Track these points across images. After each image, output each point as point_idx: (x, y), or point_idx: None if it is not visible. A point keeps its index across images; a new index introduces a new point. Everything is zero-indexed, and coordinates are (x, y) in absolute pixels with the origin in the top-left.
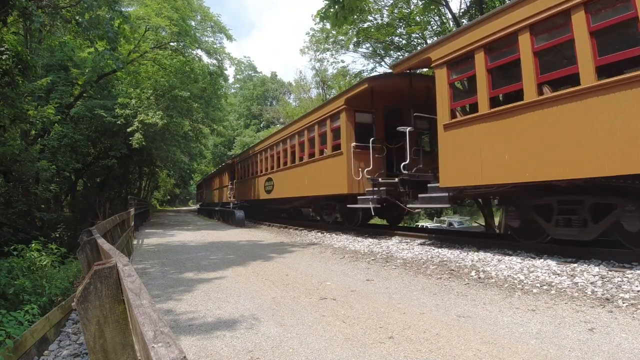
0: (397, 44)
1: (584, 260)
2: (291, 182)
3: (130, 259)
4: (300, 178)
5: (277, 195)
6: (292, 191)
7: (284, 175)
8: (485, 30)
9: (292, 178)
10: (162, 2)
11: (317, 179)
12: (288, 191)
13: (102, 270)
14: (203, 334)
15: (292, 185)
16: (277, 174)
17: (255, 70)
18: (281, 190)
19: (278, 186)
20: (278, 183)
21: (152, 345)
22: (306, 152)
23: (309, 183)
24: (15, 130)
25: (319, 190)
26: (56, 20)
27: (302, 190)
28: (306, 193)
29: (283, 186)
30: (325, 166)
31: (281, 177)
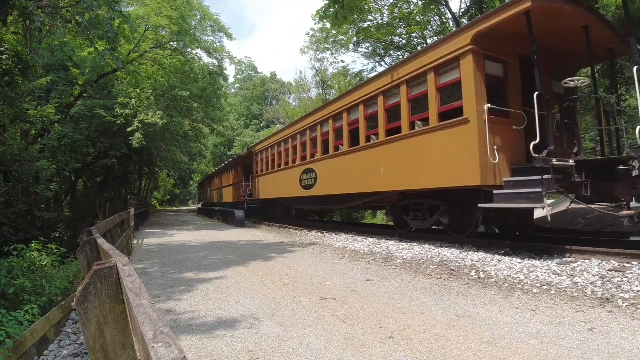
0: (397, 44)
1: (584, 260)
2: (350, 173)
3: (130, 259)
4: (369, 167)
5: (322, 192)
6: (352, 185)
7: (336, 165)
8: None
9: (353, 167)
10: (161, 1)
11: (406, 165)
12: (344, 185)
13: (102, 270)
14: (203, 334)
15: (351, 178)
16: (322, 164)
17: (256, 71)
18: (330, 184)
19: (324, 180)
20: (324, 175)
21: (152, 345)
22: (382, 129)
23: (390, 172)
24: (15, 130)
25: (411, 182)
26: (56, 20)
27: (375, 183)
28: (383, 187)
29: (334, 179)
30: (427, 145)
31: (330, 167)
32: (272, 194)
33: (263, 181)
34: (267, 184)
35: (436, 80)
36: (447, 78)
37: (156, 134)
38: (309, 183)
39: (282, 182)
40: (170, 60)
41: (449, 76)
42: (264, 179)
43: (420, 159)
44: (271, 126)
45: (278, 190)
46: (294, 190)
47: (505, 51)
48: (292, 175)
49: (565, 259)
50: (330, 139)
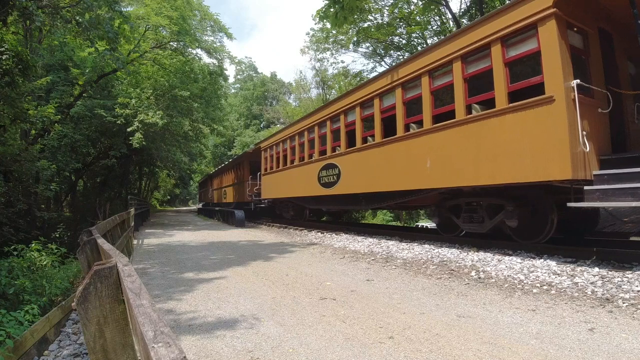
0: (397, 44)
1: (584, 260)
2: (382, 168)
3: (130, 259)
4: (409, 160)
5: (347, 190)
6: (385, 182)
7: (364, 159)
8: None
9: (387, 161)
10: (161, 1)
11: (463, 157)
12: (374, 183)
13: (102, 270)
14: (203, 334)
15: (384, 174)
16: (346, 159)
17: (256, 71)
18: (356, 181)
19: (349, 176)
20: (349, 171)
21: (152, 345)
22: (427, 114)
23: (439, 166)
24: (15, 129)
25: (470, 177)
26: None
27: (417, 179)
28: (429, 184)
29: (361, 175)
30: (492, 132)
31: (357, 161)
32: (283, 193)
33: (272, 179)
34: (277, 182)
35: (504, 53)
36: (520, 49)
37: (156, 134)
38: (329, 180)
39: (296, 180)
40: (170, 60)
41: (522, 47)
42: (273, 177)
43: (482, 148)
44: (271, 126)
45: (290, 188)
46: (310, 188)
47: (586, 20)
48: (308, 172)
49: (565, 259)
50: (358, 129)
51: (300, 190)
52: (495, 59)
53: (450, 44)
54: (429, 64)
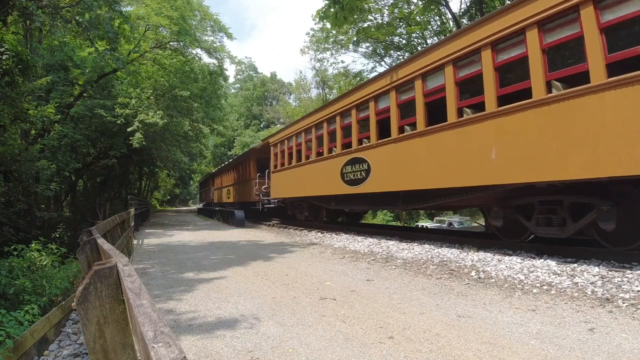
0: (397, 44)
1: (584, 260)
2: (426, 161)
3: (130, 259)
4: (467, 150)
5: (379, 188)
6: (431, 178)
7: (402, 151)
8: None
9: (433, 153)
10: (161, 1)
11: (547, 145)
12: (416, 179)
13: (102, 270)
14: (203, 333)
15: (430, 167)
16: (378, 152)
17: (256, 71)
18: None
19: (382, 172)
20: (382, 166)
21: (152, 345)
22: (490, 95)
23: (509, 157)
24: (15, 129)
25: (557, 169)
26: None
27: (478, 173)
28: (496, 179)
29: (398, 171)
30: (587, 113)
31: (392, 154)
32: (296, 192)
33: (283, 177)
34: (289, 180)
35: (597, 18)
36: (620, 12)
37: (156, 134)
38: (356, 177)
39: (312, 178)
40: (170, 60)
41: (624, 9)
42: (284, 175)
43: (572, 134)
44: (271, 126)
45: (305, 187)
46: (331, 186)
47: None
48: (328, 168)
49: (565, 259)
50: (393, 117)
51: (317, 189)
52: (587, 25)
53: (523, 8)
54: (491, 35)
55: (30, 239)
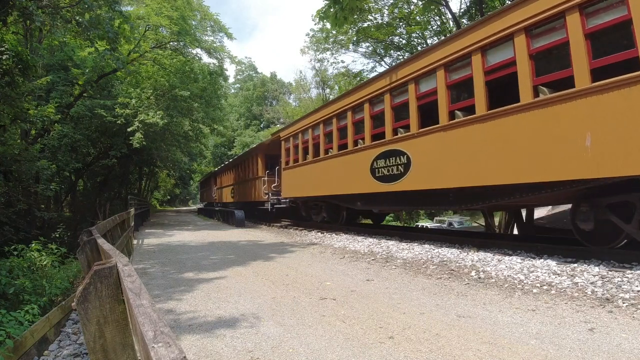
0: (397, 44)
1: (584, 260)
2: (487, 152)
3: (130, 259)
4: (547, 137)
5: (422, 185)
6: (495, 172)
7: (455, 141)
8: None
9: (496, 142)
10: (161, 1)
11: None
12: (475, 173)
13: (102, 270)
14: (203, 333)
15: (491, 159)
16: (420, 142)
17: (256, 71)
18: (439, 172)
19: (425, 165)
20: (426, 158)
21: (152, 345)
22: (581, 68)
23: (611, 143)
24: (15, 129)
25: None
26: (56, 20)
27: (561, 165)
28: (593, 172)
29: (449, 163)
30: None
31: (440, 144)
32: (312, 191)
33: (296, 174)
34: (303, 177)
35: None
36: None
37: (156, 134)
38: (391, 172)
39: (333, 174)
40: (170, 60)
41: None
42: (298, 172)
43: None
44: (271, 126)
45: (324, 185)
46: (357, 184)
47: None
48: (354, 163)
49: (565, 258)
50: (441, 100)
51: (340, 187)
52: None
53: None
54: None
55: (30, 239)
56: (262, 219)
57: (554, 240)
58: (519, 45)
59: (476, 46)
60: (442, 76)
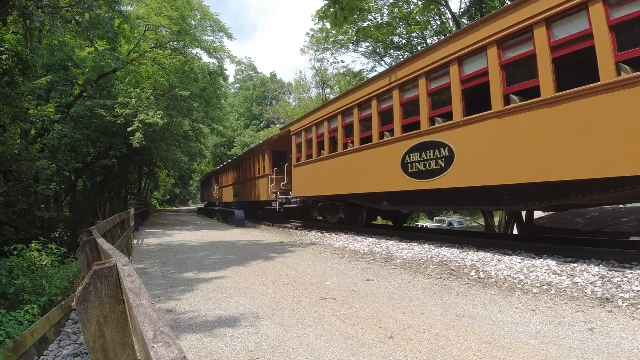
0: (397, 44)
1: (584, 260)
2: (557, 141)
3: (130, 259)
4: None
5: (471, 182)
6: (570, 166)
7: (511, 129)
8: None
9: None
10: (162, 1)
11: None
12: (542, 167)
13: (102, 270)
14: (203, 333)
15: (566, 150)
16: (466, 132)
17: (256, 71)
18: (492, 166)
19: (474, 158)
20: (474, 150)
21: (152, 345)
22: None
23: None
24: (15, 129)
25: None
26: (56, 20)
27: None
28: None
29: (504, 156)
30: None
31: (494, 133)
32: (328, 190)
33: (309, 172)
34: (318, 175)
35: None
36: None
37: (156, 134)
38: (429, 167)
39: (355, 171)
40: (171, 60)
41: None
42: (311, 169)
43: None
44: (271, 126)
45: (344, 183)
46: (385, 181)
47: None
48: (380, 158)
49: (565, 258)
50: (494, 83)
51: (363, 185)
52: None
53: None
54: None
55: (30, 238)
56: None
57: (554, 240)
58: (596, 14)
59: (540, 18)
60: (494, 54)
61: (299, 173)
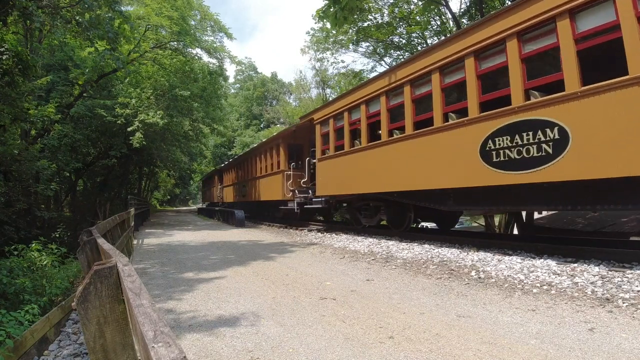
0: (397, 44)
1: (584, 260)
2: None
3: (130, 258)
4: None
5: (593, 172)
6: None
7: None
8: None
9: None
10: (162, 1)
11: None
12: None
13: (102, 270)
14: (203, 333)
15: None
16: (585, 107)
17: (256, 71)
18: (631, 152)
19: (596, 141)
20: (596, 131)
21: (152, 345)
22: None
23: None
24: (15, 129)
25: None
26: (56, 20)
27: None
28: None
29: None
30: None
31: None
32: (366, 186)
33: (340, 166)
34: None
35: None
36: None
37: (156, 134)
38: (525, 154)
39: (406, 163)
40: (171, 60)
41: None
42: (342, 163)
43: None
44: (271, 126)
45: (389, 178)
46: (454, 174)
47: None
48: (447, 144)
49: (565, 258)
50: (631, 39)
51: (417, 180)
52: None
53: None
54: None
55: (30, 238)
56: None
57: (554, 240)
58: None
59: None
60: (628, 3)
61: (324, 168)
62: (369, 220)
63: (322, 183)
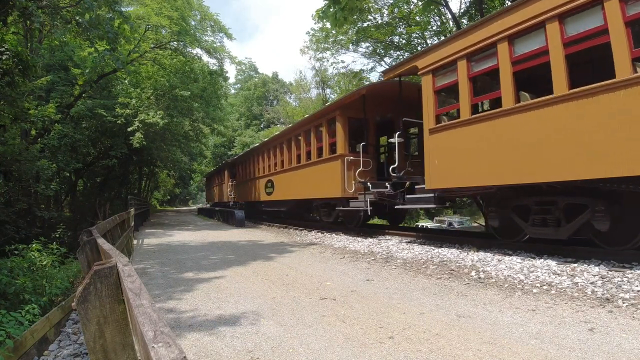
0: (397, 44)
1: (584, 260)
2: None
3: (130, 259)
4: None
5: None
6: None
7: None
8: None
9: None
10: (162, 1)
11: None
12: None
13: (102, 270)
14: (203, 333)
15: None
16: None
17: (256, 71)
18: None
19: None
20: None
21: (152, 345)
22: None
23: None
24: (15, 129)
25: None
26: (56, 20)
27: None
28: None
29: None
30: None
31: None
32: (540, 173)
33: (482, 137)
34: (503, 143)
35: None
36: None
37: (156, 134)
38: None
39: (623, 130)
40: (171, 60)
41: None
42: (486, 131)
43: None
44: (271, 126)
45: (614, 154)
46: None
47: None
48: None
49: (565, 258)
50: None
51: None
52: None
53: None
54: None
55: (30, 238)
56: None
57: (554, 240)
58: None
59: None
60: None
61: (444, 144)
62: (544, 230)
63: (439, 168)
